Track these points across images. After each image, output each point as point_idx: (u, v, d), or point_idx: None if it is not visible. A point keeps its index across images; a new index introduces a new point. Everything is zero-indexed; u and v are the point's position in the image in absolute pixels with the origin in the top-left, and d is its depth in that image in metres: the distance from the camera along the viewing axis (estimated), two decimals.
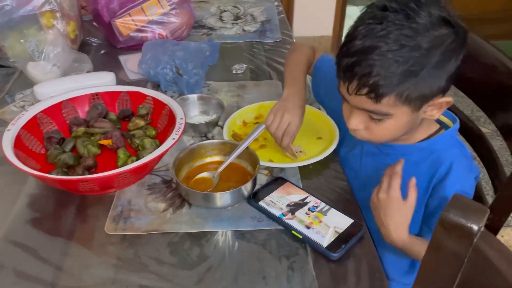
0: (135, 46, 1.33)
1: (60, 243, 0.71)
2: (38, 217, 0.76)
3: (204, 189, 0.78)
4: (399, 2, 0.67)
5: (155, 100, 0.94)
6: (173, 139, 0.80)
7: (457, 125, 0.81)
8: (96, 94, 0.96)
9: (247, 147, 0.82)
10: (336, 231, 0.71)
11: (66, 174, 0.79)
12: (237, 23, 1.49)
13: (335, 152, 0.88)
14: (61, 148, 0.86)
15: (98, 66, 1.19)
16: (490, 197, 0.89)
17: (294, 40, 1.39)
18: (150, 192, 0.81)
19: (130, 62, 1.26)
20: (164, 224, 0.74)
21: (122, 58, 1.28)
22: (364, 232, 0.71)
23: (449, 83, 0.70)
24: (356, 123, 0.75)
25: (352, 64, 0.68)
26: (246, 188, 0.76)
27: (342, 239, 0.69)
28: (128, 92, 0.97)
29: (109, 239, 0.72)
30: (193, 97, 1.00)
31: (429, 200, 0.79)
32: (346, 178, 0.84)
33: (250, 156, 0.83)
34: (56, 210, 0.78)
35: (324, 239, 0.69)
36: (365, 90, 0.68)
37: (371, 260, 0.68)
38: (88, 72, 1.13)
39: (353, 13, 3.65)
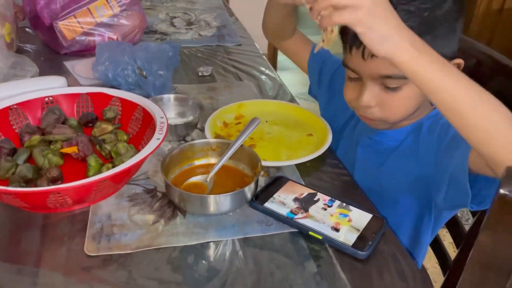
0: (80, 51, 1.19)
1: (28, 273, 0.56)
2: None
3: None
4: None
5: (123, 101, 0.82)
6: (158, 139, 0.68)
7: None
8: (50, 97, 0.82)
9: (241, 146, 0.73)
10: (357, 228, 0.63)
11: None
12: (191, 28, 1.41)
13: (330, 149, 0.82)
14: (14, 160, 0.70)
15: (40, 74, 1.03)
16: None
17: (256, 45, 1.33)
18: (133, 204, 0.68)
19: (79, 67, 1.11)
20: (157, 238, 0.62)
21: (68, 64, 1.13)
22: (386, 226, 0.65)
23: (456, 48, 0.69)
24: (370, 98, 0.70)
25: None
26: (250, 190, 0.66)
27: (366, 235, 0.62)
28: (89, 94, 0.84)
29: (92, 261, 0.58)
30: (168, 97, 0.88)
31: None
32: (348, 173, 0.78)
33: (245, 156, 0.73)
34: (16, 234, 0.62)
35: (348, 237, 0.62)
36: None
37: (401, 255, 0.61)
38: (32, 77, 0.97)
39: None
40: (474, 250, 0.53)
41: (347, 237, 0.62)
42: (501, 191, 0.47)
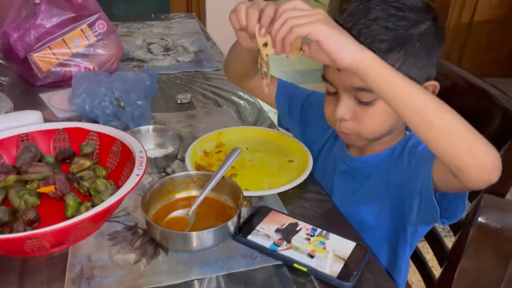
0: (56, 82, 1.18)
1: None
2: None
3: (181, 230, 0.66)
4: None
5: (101, 135, 0.81)
6: (137, 175, 0.67)
7: None
8: (26, 134, 0.80)
9: (223, 177, 0.72)
10: (341, 257, 0.63)
11: (1, 233, 0.62)
12: (168, 54, 1.41)
13: (311, 175, 0.82)
14: None
15: (15, 108, 1.01)
16: None
17: None
18: (113, 243, 0.66)
19: (56, 100, 1.10)
20: (140, 279, 0.60)
21: (44, 96, 1.11)
22: (369, 254, 0.65)
23: (433, 71, 0.71)
24: (344, 111, 0.72)
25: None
26: (233, 223, 0.65)
27: (350, 265, 0.62)
28: (65, 130, 0.82)
29: None
30: (146, 128, 0.87)
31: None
32: (330, 199, 0.78)
33: (226, 187, 0.73)
34: None
35: (332, 268, 0.61)
36: None
37: (385, 282, 0.61)
38: (7, 113, 0.95)
39: None
40: (458, 275, 0.53)
41: (332, 268, 0.61)
42: (480, 219, 0.48)
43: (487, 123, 0.79)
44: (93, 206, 0.68)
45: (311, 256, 0.63)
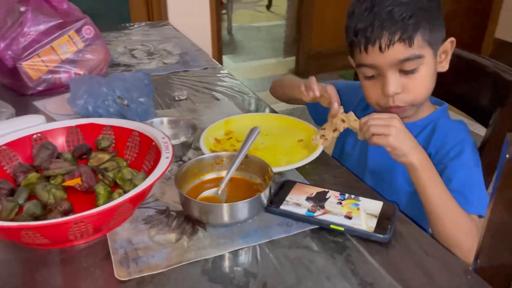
0: (47, 90, 1.16)
1: None
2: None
3: None
4: None
5: (116, 128, 0.81)
6: (167, 157, 0.68)
7: (446, 104, 0.89)
8: (38, 133, 0.79)
9: (246, 155, 0.75)
10: (373, 215, 0.67)
11: None
12: (153, 58, 1.42)
13: (323, 151, 0.86)
14: (15, 199, 0.67)
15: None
16: None
17: (224, 69, 1.36)
18: (150, 226, 0.67)
19: (51, 106, 1.08)
20: (186, 254, 0.61)
21: (39, 104, 1.10)
22: (398, 210, 0.69)
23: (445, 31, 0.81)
24: (395, 86, 0.78)
25: (372, 22, 0.75)
26: (265, 195, 0.68)
27: (383, 221, 0.66)
28: (78, 126, 0.82)
29: (126, 286, 0.57)
30: (159, 121, 0.88)
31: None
32: (347, 169, 0.82)
33: (251, 164, 0.75)
34: (35, 275, 0.59)
35: (368, 224, 0.65)
36: (397, 36, 0.75)
37: (419, 234, 0.65)
38: (8, 118, 0.93)
39: None
40: (489, 217, 0.57)
41: (367, 224, 0.65)
42: (508, 156, 0.53)
43: (479, 93, 0.86)
44: (125, 192, 0.68)
45: (349, 218, 0.66)
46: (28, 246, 0.62)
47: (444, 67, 0.83)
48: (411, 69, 0.77)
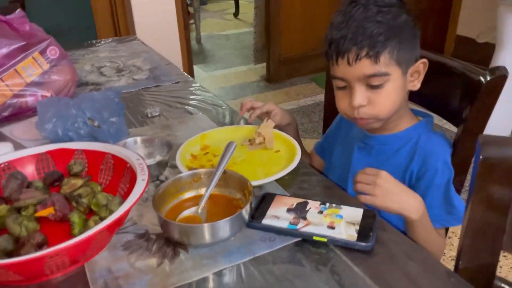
0: (13, 115, 1.12)
1: None
2: None
3: None
4: None
5: (88, 152, 0.79)
6: (143, 180, 0.67)
7: (432, 117, 0.91)
8: (6, 163, 0.76)
9: (225, 171, 0.74)
10: (354, 223, 0.67)
11: None
12: (123, 75, 1.39)
13: (301, 160, 0.85)
14: None
15: None
16: None
17: (196, 82, 1.35)
18: (129, 252, 0.65)
19: (18, 131, 1.05)
20: (168, 279, 0.60)
21: (5, 130, 1.06)
22: (378, 217, 0.69)
23: (418, 52, 0.83)
24: (360, 98, 0.80)
25: (345, 35, 0.78)
26: (247, 211, 0.67)
27: (365, 228, 0.66)
28: (48, 153, 0.79)
29: None
30: (132, 140, 0.86)
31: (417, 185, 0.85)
32: (326, 177, 0.82)
33: (229, 180, 0.74)
34: None
35: (349, 233, 0.65)
36: (364, 51, 0.77)
37: (400, 239, 0.66)
38: None
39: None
40: (469, 217, 0.58)
41: (349, 233, 0.65)
42: (482, 156, 0.53)
43: (449, 93, 0.88)
44: (101, 219, 0.66)
45: (332, 228, 0.66)
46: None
47: (416, 86, 0.85)
48: (377, 84, 0.79)
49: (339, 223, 0.67)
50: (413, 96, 0.92)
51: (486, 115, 0.78)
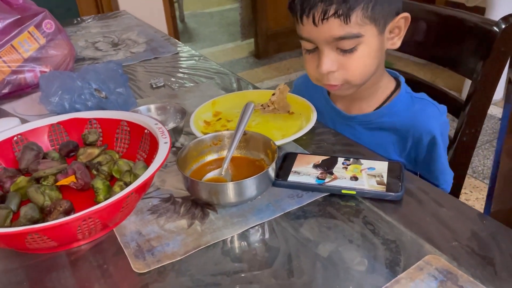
0: (12, 93, 1.09)
1: None
2: None
3: None
4: None
5: (102, 121, 0.77)
6: (166, 143, 0.65)
7: (403, 78, 0.86)
8: (19, 135, 0.74)
9: (244, 132, 0.73)
10: (381, 175, 0.67)
11: None
12: (119, 49, 1.36)
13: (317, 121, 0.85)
14: (7, 206, 0.63)
15: None
16: None
17: (197, 52, 1.32)
18: (157, 215, 0.64)
19: (21, 107, 1.02)
20: (202, 238, 0.59)
21: (8, 107, 1.03)
22: (403, 168, 0.69)
23: (400, 5, 0.74)
24: (330, 64, 0.73)
25: None
26: (273, 169, 0.66)
27: (393, 179, 0.66)
28: (60, 123, 0.77)
29: (147, 278, 0.54)
30: (145, 108, 0.85)
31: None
32: (344, 135, 0.81)
33: (249, 142, 0.73)
34: (45, 281, 0.55)
35: (378, 185, 0.65)
36: (332, 9, 0.67)
37: (427, 186, 0.66)
38: None
39: None
40: (500, 162, 0.59)
41: (377, 185, 0.65)
42: None
43: (466, 46, 0.87)
44: (126, 184, 0.65)
45: (356, 179, 0.66)
46: (31, 253, 0.58)
47: (396, 44, 0.77)
48: (348, 48, 0.71)
49: (365, 175, 0.67)
50: (424, 54, 0.91)
51: (503, 64, 0.78)
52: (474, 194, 1.92)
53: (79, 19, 1.70)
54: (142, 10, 2.72)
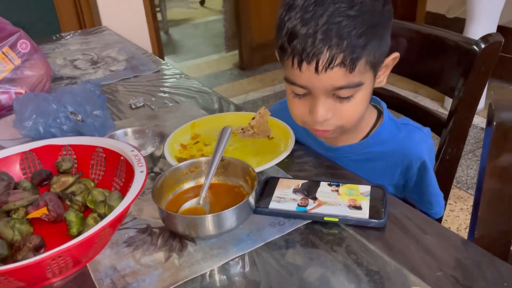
0: None
1: None
2: None
3: None
4: None
5: (76, 147, 0.74)
6: (142, 172, 0.63)
7: (384, 104, 0.84)
8: None
9: (222, 158, 0.71)
10: (364, 201, 0.65)
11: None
12: (98, 67, 1.33)
13: (297, 144, 0.83)
14: None
15: None
16: None
17: (178, 70, 1.30)
18: (133, 248, 0.62)
19: None
20: (180, 272, 0.57)
21: None
22: (387, 192, 0.68)
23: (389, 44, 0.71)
24: (326, 112, 0.69)
25: (314, 33, 0.61)
26: (253, 197, 0.64)
27: (376, 205, 0.64)
28: (33, 150, 0.74)
29: None
30: (122, 132, 0.82)
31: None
32: (326, 157, 0.80)
33: (228, 168, 0.71)
34: None
35: (361, 211, 0.63)
36: (339, 58, 0.62)
37: (410, 212, 0.65)
38: None
39: None
40: (484, 185, 0.58)
41: (361, 211, 0.63)
42: (496, 122, 0.53)
43: (446, 65, 0.87)
44: (100, 216, 0.62)
45: (355, 207, 0.64)
46: None
47: (382, 82, 0.74)
48: (346, 96, 0.67)
49: (346, 200, 0.65)
50: (405, 71, 0.91)
51: (483, 83, 0.77)
52: (459, 204, 1.92)
53: (58, 35, 1.67)
54: (125, 23, 2.70)
